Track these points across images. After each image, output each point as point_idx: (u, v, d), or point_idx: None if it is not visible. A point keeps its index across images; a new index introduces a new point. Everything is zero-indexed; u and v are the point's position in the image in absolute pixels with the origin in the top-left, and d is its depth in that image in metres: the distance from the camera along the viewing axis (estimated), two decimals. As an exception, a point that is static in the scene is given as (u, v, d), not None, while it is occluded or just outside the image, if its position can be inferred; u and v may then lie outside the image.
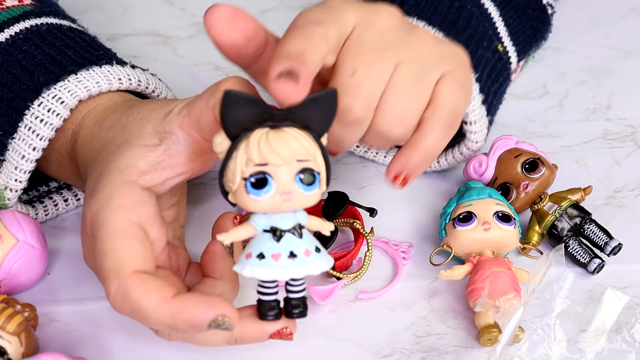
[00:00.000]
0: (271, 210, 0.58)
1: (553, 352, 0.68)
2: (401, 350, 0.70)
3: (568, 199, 0.76)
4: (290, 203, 0.57)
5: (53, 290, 0.72)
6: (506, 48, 0.80)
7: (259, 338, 0.63)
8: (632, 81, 0.90)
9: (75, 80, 0.70)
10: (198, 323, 0.59)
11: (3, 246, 0.69)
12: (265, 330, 0.62)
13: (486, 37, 0.78)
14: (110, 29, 0.91)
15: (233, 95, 0.57)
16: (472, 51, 0.75)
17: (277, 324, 0.61)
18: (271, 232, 0.58)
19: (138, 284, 0.60)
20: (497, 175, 0.77)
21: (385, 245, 0.76)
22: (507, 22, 0.81)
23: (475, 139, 0.76)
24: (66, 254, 0.74)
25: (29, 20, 0.74)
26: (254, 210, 0.58)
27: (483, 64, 0.77)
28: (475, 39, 0.77)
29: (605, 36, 0.94)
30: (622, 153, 0.84)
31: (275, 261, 0.58)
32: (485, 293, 0.69)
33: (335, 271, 0.72)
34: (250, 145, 0.57)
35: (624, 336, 0.69)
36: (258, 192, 0.56)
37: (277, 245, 0.58)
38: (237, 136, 0.57)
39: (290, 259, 0.58)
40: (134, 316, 0.61)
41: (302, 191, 0.57)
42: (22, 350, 0.64)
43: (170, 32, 0.92)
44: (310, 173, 0.58)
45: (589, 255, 0.74)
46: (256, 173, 0.57)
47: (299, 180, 0.57)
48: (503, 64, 0.79)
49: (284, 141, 0.57)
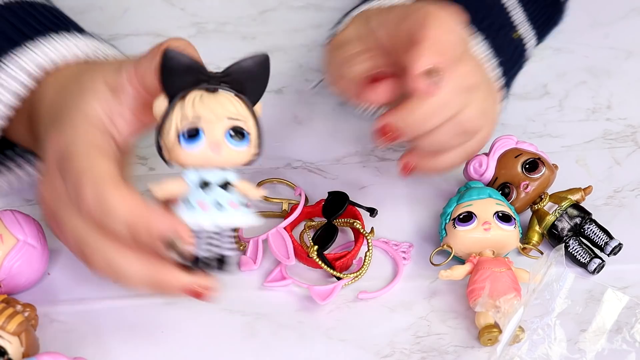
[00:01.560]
0: (202, 163, 0.61)
1: (553, 352, 0.68)
2: (401, 350, 0.70)
3: (568, 199, 0.76)
4: (220, 156, 0.61)
5: (53, 290, 0.72)
6: (522, 35, 0.82)
7: (175, 288, 0.64)
8: (633, 81, 0.90)
9: (37, 48, 0.70)
10: (158, 232, 0.61)
11: (3, 246, 0.69)
12: (180, 280, 0.63)
13: (505, 26, 0.81)
14: (111, 29, 0.91)
15: (172, 58, 0.61)
16: (493, 38, 0.79)
17: (193, 277, 0.63)
18: (200, 184, 0.61)
19: (114, 185, 0.62)
20: (497, 175, 0.77)
21: (386, 245, 0.76)
22: (526, 8, 0.83)
23: None
24: (66, 254, 0.74)
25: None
26: (186, 162, 0.61)
27: (504, 49, 0.80)
28: (494, 28, 0.80)
29: (605, 36, 0.94)
30: (622, 153, 0.84)
31: (201, 208, 0.61)
32: (486, 293, 0.69)
33: (336, 271, 0.73)
34: (186, 103, 0.61)
35: (624, 336, 0.69)
36: (190, 144, 0.60)
37: (204, 195, 0.61)
38: (175, 96, 0.61)
39: (216, 208, 0.61)
40: (102, 217, 0.62)
41: (231, 146, 0.61)
42: (23, 350, 0.64)
43: (170, 32, 0.92)
44: (240, 131, 0.61)
45: (589, 255, 0.74)
46: (189, 127, 0.60)
47: (229, 136, 0.61)
48: (520, 49, 0.83)
49: (217, 101, 0.61)
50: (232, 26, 0.93)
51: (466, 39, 0.72)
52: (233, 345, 0.70)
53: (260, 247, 0.75)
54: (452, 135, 0.71)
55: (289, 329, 0.71)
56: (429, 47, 0.67)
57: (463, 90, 0.69)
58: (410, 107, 0.69)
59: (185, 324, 0.71)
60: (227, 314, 0.71)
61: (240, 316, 0.71)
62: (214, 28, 0.93)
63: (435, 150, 0.72)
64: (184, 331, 0.70)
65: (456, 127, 0.70)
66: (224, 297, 0.72)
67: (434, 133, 0.70)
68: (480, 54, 0.78)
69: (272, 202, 0.78)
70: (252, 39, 0.92)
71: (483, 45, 0.79)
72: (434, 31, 0.68)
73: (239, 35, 0.92)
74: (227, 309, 0.72)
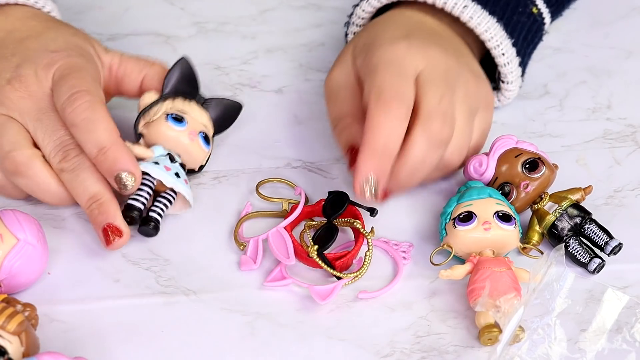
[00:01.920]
0: (174, 143, 0.76)
1: (553, 352, 0.68)
2: (401, 350, 0.70)
3: (568, 198, 0.76)
4: (191, 144, 0.77)
5: (53, 290, 0.72)
6: (540, 10, 0.84)
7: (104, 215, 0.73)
8: (633, 81, 0.90)
9: None
10: (123, 165, 0.72)
11: (3, 246, 0.69)
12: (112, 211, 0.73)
13: (521, 2, 0.83)
14: (111, 28, 0.91)
15: (187, 67, 0.79)
16: (509, 17, 0.81)
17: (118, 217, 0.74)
18: (168, 156, 0.76)
19: (107, 111, 0.73)
20: (498, 175, 0.77)
21: (386, 245, 0.76)
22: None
23: (509, 95, 0.84)
24: (66, 254, 0.74)
25: None
26: (164, 134, 0.76)
27: (519, 28, 0.82)
28: (510, 6, 0.82)
29: (605, 36, 0.94)
30: (623, 153, 0.84)
31: (165, 170, 0.75)
32: (486, 293, 0.69)
33: (336, 271, 0.73)
34: (176, 102, 0.77)
35: (624, 336, 0.69)
36: (175, 124, 0.76)
37: (170, 164, 0.76)
38: (169, 94, 0.78)
39: (174, 176, 0.75)
40: (84, 127, 0.72)
41: (200, 143, 0.77)
42: (23, 350, 0.64)
43: (170, 31, 0.92)
44: (207, 137, 0.78)
45: (589, 255, 0.74)
46: (177, 114, 0.77)
47: (201, 136, 0.77)
48: (538, 25, 0.84)
49: (199, 111, 0.78)
50: (232, 26, 0.93)
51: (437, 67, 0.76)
52: (233, 344, 0.70)
53: (261, 246, 0.75)
54: (433, 171, 0.77)
55: (289, 329, 0.71)
56: (364, 151, 0.73)
57: (437, 145, 0.74)
58: (392, 172, 0.74)
59: (185, 324, 0.71)
60: (227, 313, 0.71)
61: (240, 316, 0.71)
62: (214, 28, 0.93)
63: (414, 183, 0.77)
64: (184, 331, 0.70)
65: (437, 166, 0.76)
66: (224, 297, 0.72)
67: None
68: (490, 39, 0.81)
69: (272, 202, 0.78)
70: (252, 39, 0.92)
71: (495, 28, 0.81)
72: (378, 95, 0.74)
73: (239, 35, 0.92)
74: (227, 308, 0.72)
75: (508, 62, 0.82)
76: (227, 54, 0.90)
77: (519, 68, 0.83)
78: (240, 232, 0.76)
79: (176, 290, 0.73)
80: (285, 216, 0.76)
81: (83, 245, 0.75)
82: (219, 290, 0.73)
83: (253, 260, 0.74)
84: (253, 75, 0.89)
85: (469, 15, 0.80)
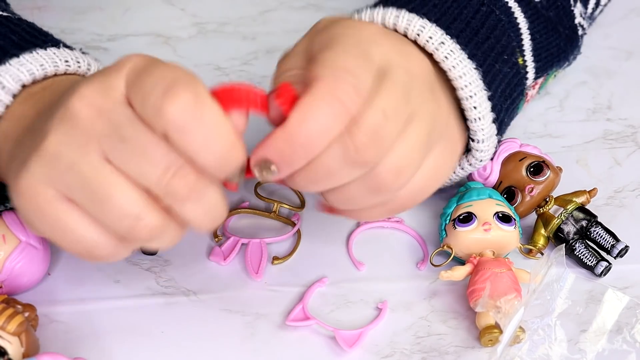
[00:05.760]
0: None
1: (554, 353, 0.68)
2: (402, 351, 0.70)
3: (573, 201, 0.76)
4: None
5: (53, 291, 0.72)
6: (526, 62, 0.75)
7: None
8: (633, 81, 0.90)
9: (18, 63, 0.65)
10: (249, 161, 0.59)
11: (6, 247, 0.69)
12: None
13: (508, 48, 0.73)
14: (111, 29, 0.91)
15: None
16: (490, 65, 0.70)
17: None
18: None
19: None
20: (502, 179, 0.77)
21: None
22: (534, 37, 0.76)
23: (480, 157, 0.72)
24: (67, 255, 0.74)
25: None
26: None
27: (499, 79, 0.71)
28: (495, 52, 0.71)
29: (605, 36, 0.94)
30: (623, 153, 0.84)
31: None
32: (486, 293, 0.69)
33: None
34: None
35: (624, 336, 0.69)
36: None
37: None
38: None
39: None
40: (193, 122, 0.55)
41: None
42: (23, 351, 0.64)
43: (170, 32, 0.92)
44: None
45: (596, 258, 0.74)
46: None
47: None
48: (520, 78, 0.74)
49: None
50: (232, 26, 0.93)
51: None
52: (233, 345, 0.70)
53: (237, 248, 0.75)
54: (365, 193, 0.62)
55: (289, 329, 0.71)
56: (279, 135, 0.58)
57: (354, 165, 0.60)
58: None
59: (186, 324, 0.71)
60: (227, 314, 0.71)
61: (240, 316, 0.71)
62: (214, 28, 0.93)
63: (351, 209, 0.64)
64: (184, 331, 0.70)
65: (367, 183, 0.61)
66: (224, 298, 0.72)
67: (341, 190, 0.62)
68: (464, 87, 0.68)
69: (267, 202, 0.78)
70: (252, 39, 0.92)
71: (472, 75, 0.69)
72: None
73: (239, 35, 0.92)
74: (227, 309, 0.72)
75: (480, 117, 0.69)
76: (227, 55, 0.90)
77: (492, 125, 0.71)
78: (227, 225, 0.76)
79: (176, 291, 0.73)
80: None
81: (83, 246, 0.75)
82: (219, 291, 0.73)
83: (223, 257, 0.74)
84: (253, 76, 0.89)
85: (444, 54, 0.68)
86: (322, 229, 0.77)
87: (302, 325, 0.70)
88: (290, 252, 0.75)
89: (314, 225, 0.77)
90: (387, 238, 0.77)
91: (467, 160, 0.73)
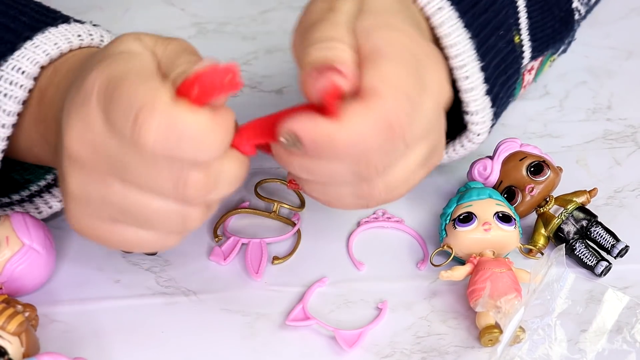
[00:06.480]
0: None
1: (554, 353, 0.68)
2: (402, 351, 0.70)
3: (574, 201, 0.76)
4: None
5: (54, 291, 0.72)
6: (522, 41, 0.74)
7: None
8: (633, 81, 0.90)
9: (33, 46, 0.66)
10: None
11: (8, 249, 0.69)
12: None
13: (505, 24, 0.72)
14: (111, 29, 0.91)
15: None
16: (484, 37, 0.70)
17: None
18: None
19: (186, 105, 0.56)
20: (502, 179, 0.77)
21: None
22: (531, 15, 0.75)
23: (477, 130, 0.71)
24: (67, 255, 0.74)
25: None
26: None
27: (493, 53, 0.71)
28: (491, 25, 0.71)
29: (605, 36, 0.94)
30: (623, 153, 0.84)
31: None
32: (486, 293, 0.69)
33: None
34: None
35: (624, 336, 0.69)
36: None
37: None
38: None
39: None
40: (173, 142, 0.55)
41: None
42: (23, 351, 0.64)
43: (170, 32, 0.91)
44: None
45: (596, 258, 0.74)
46: None
47: None
48: (515, 57, 0.73)
49: None
50: (232, 26, 0.93)
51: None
52: (233, 345, 0.70)
53: (237, 248, 0.75)
54: (349, 196, 0.62)
55: (289, 329, 0.71)
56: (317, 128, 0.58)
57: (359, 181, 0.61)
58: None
59: (186, 324, 0.71)
60: (227, 314, 0.71)
61: (241, 316, 0.71)
62: (214, 28, 0.93)
63: (325, 200, 0.64)
64: (184, 331, 0.70)
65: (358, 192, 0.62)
66: (224, 298, 0.72)
67: (326, 187, 0.62)
68: (456, 56, 0.69)
69: (267, 202, 0.78)
70: (252, 39, 0.92)
71: (465, 45, 0.69)
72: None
73: (239, 35, 0.92)
74: (227, 309, 0.72)
75: (472, 87, 0.69)
76: (227, 55, 0.90)
77: (485, 97, 0.70)
78: (227, 225, 0.76)
79: (176, 291, 0.73)
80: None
81: (83, 246, 0.75)
82: (219, 291, 0.73)
83: (224, 257, 0.74)
84: (253, 75, 0.89)
85: (441, 19, 0.68)
86: (322, 229, 0.77)
87: (302, 325, 0.70)
88: (290, 252, 0.75)
89: (314, 225, 0.77)
90: (387, 238, 0.77)
91: (465, 136, 0.72)
